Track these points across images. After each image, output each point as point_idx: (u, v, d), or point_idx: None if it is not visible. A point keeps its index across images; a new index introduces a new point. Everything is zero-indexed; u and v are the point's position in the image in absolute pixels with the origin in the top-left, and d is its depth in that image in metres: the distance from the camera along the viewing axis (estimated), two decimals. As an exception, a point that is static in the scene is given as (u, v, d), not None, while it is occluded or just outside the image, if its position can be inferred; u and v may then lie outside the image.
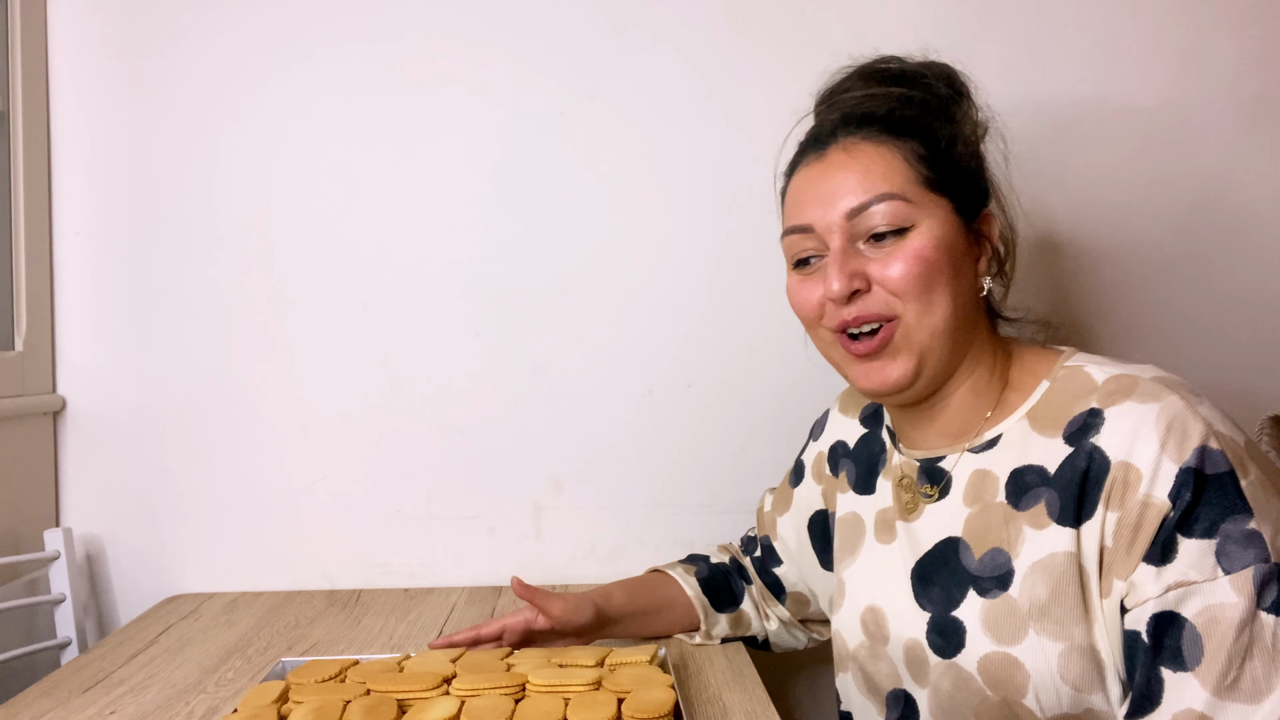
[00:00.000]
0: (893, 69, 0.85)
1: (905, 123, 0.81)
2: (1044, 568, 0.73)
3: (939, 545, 0.82)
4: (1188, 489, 0.67)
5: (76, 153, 1.30)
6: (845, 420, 1.01)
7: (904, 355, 0.79)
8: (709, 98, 1.31)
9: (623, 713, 0.77)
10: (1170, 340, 1.33)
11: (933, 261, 0.77)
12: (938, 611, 0.80)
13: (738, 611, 1.07)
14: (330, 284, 1.31)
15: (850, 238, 0.79)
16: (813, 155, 0.83)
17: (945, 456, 0.84)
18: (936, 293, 0.77)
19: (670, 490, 1.33)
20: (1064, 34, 1.31)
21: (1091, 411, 0.74)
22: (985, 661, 0.75)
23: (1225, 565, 0.66)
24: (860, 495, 0.94)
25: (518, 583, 0.95)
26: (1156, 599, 0.67)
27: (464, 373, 1.32)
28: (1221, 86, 1.31)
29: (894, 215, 0.77)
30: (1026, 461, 0.77)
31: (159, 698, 0.92)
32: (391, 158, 1.31)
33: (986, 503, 0.79)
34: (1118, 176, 1.32)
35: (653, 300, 1.32)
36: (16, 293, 1.25)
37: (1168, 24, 1.31)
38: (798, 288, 0.84)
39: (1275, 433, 1.02)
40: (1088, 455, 0.73)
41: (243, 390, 1.31)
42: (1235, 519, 0.67)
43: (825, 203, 0.80)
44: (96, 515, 1.32)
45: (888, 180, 0.78)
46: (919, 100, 0.82)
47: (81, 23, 1.29)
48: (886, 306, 0.78)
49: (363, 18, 1.30)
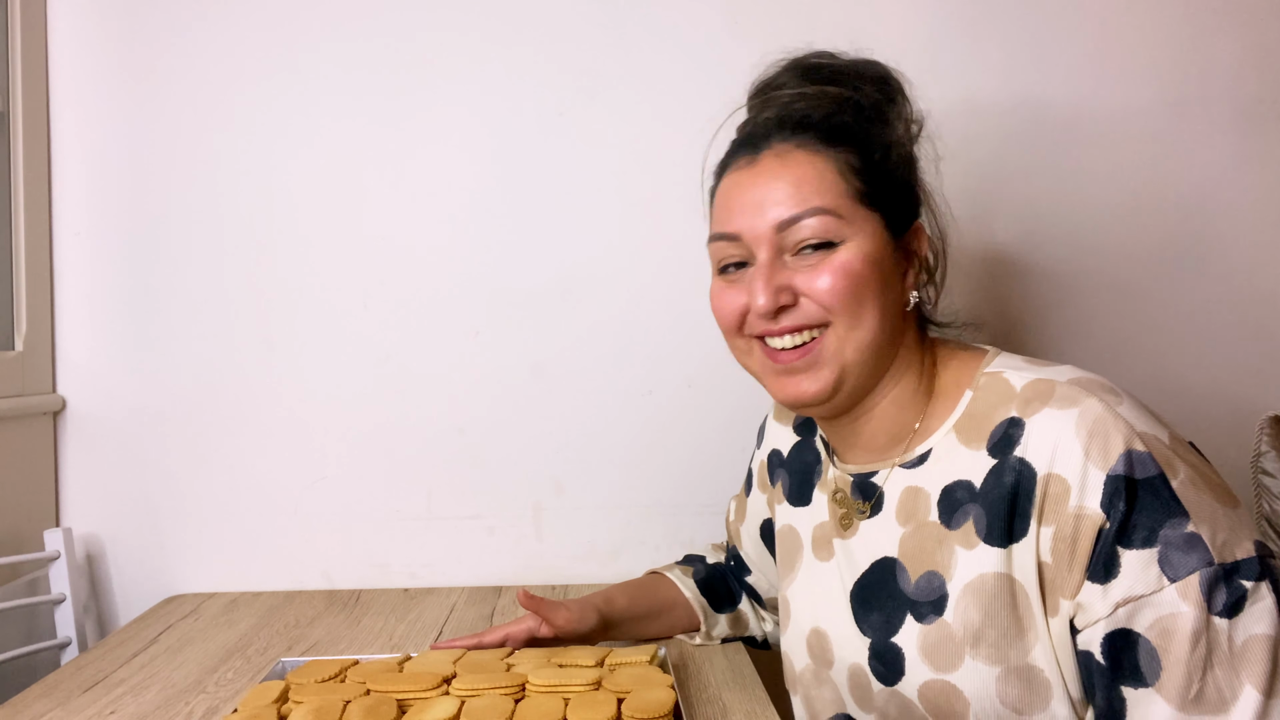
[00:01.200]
0: (827, 65, 0.83)
1: (841, 130, 0.78)
2: (975, 590, 0.73)
3: (875, 565, 0.81)
4: (1120, 497, 0.66)
5: (76, 153, 1.30)
6: (780, 428, 0.99)
7: (825, 369, 0.78)
8: (709, 98, 1.30)
9: (623, 713, 0.77)
10: (1168, 341, 1.33)
11: (861, 276, 0.75)
12: (877, 638, 0.79)
13: (736, 611, 1.07)
14: (330, 284, 1.31)
15: (778, 250, 0.77)
16: (745, 159, 0.81)
17: (877, 471, 0.83)
18: (864, 308, 0.76)
19: (670, 490, 1.34)
20: (1063, 34, 1.31)
21: (1012, 421, 0.73)
22: (925, 689, 0.75)
23: (1170, 573, 0.65)
24: (795, 507, 0.92)
25: (524, 595, 0.95)
26: (1107, 618, 0.66)
27: (464, 373, 1.32)
28: (1221, 87, 1.31)
29: (824, 230, 0.75)
30: (955, 477, 0.76)
31: (159, 698, 0.92)
32: (392, 157, 1.31)
33: (920, 521, 0.78)
34: (1117, 177, 1.32)
35: (653, 300, 1.32)
36: (16, 293, 1.25)
37: (1167, 24, 1.31)
38: (720, 294, 0.83)
39: (1275, 433, 1.02)
40: (1014, 470, 0.72)
41: (243, 390, 1.31)
42: (1173, 523, 0.65)
43: (755, 212, 0.78)
44: (96, 515, 1.32)
45: (820, 194, 0.76)
46: (853, 104, 0.80)
47: (81, 23, 1.29)
48: (816, 316, 0.77)
49: (362, 18, 1.30)
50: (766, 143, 0.80)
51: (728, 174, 0.83)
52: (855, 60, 0.84)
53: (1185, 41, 1.31)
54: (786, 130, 0.79)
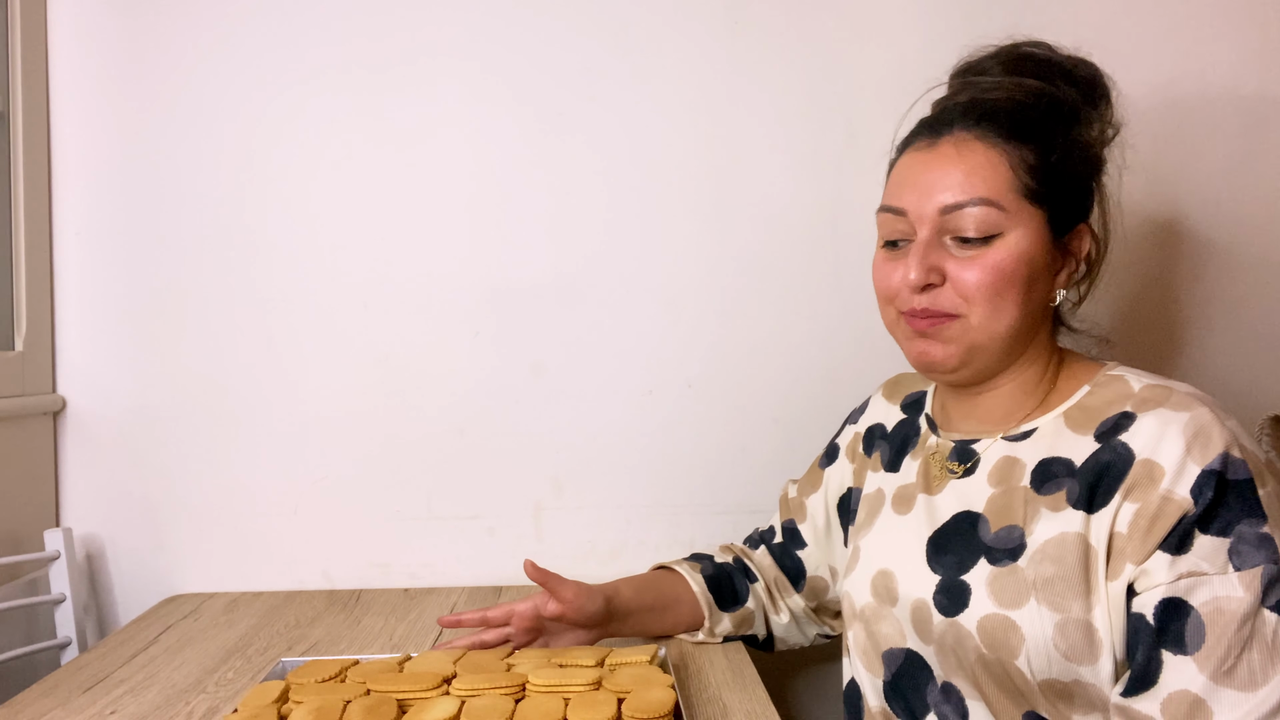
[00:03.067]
0: (1037, 56, 0.86)
1: (1024, 125, 0.81)
2: (1055, 544, 0.76)
3: (957, 517, 0.85)
4: (1209, 489, 0.70)
5: (76, 153, 1.30)
6: (886, 405, 1.04)
7: (954, 345, 0.82)
8: (709, 97, 1.31)
9: (623, 713, 0.77)
10: (1169, 341, 1.33)
11: (1009, 274, 0.79)
12: (948, 575, 0.83)
13: (741, 610, 1.07)
14: (330, 284, 1.31)
15: (938, 231, 0.81)
16: (925, 140, 0.84)
17: (979, 440, 0.87)
18: (1005, 303, 0.80)
19: (670, 490, 1.34)
20: (1063, 34, 1.30)
21: (1124, 414, 0.78)
22: (985, 621, 0.78)
23: (1236, 562, 0.69)
24: (887, 473, 0.97)
25: (530, 565, 0.95)
26: (1168, 585, 0.70)
27: (464, 373, 1.32)
28: (1221, 86, 1.31)
29: (985, 221, 0.79)
30: (1055, 454, 0.80)
31: (159, 698, 0.92)
32: (391, 157, 1.31)
33: (1011, 485, 0.82)
34: (1115, 177, 1.31)
35: (653, 300, 1.32)
36: (16, 293, 1.25)
37: (1168, 24, 1.31)
38: (881, 265, 0.87)
39: (1275, 433, 1.02)
40: (1113, 450, 0.76)
41: (242, 390, 1.31)
42: (1251, 522, 0.70)
43: (924, 192, 0.81)
44: (96, 515, 1.32)
45: (988, 184, 0.79)
46: (1049, 100, 0.83)
47: (81, 23, 1.29)
48: (953, 306, 0.81)
49: (363, 17, 1.30)
50: (949, 129, 0.83)
51: (907, 152, 0.86)
52: (1067, 57, 0.87)
53: (1185, 41, 1.31)
54: (971, 119, 0.82)
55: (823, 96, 1.32)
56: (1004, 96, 0.83)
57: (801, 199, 1.32)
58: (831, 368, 1.32)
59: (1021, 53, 0.86)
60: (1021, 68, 0.85)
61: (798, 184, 1.32)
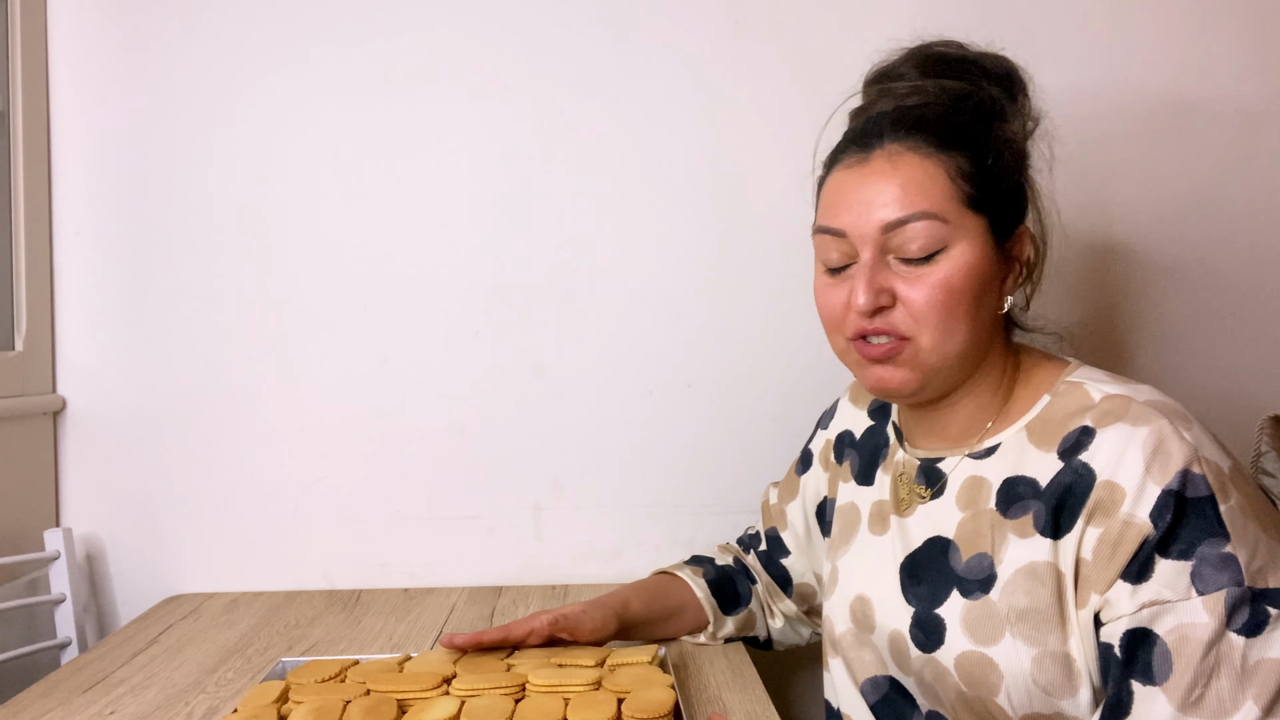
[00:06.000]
0: (950, 56, 0.83)
1: (955, 132, 0.78)
2: (1025, 574, 0.75)
3: (929, 542, 0.83)
4: (1168, 511, 0.69)
5: (76, 153, 1.30)
6: (854, 411, 1.02)
7: (909, 369, 0.80)
8: (709, 98, 1.31)
9: (623, 713, 0.77)
10: (1169, 341, 1.33)
11: (959, 290, 0.77)
12: (922, 608, 0.81)
13: (744, 613, 1.07)
14: (330, 284, 1.31)
15: (881, 251, 0.78)
16: (854, 156, 0.81)
17: (944, 459, 0.85)
18: (955, 321, 0.78)
19: (670, 490, 1.34)
20: (1063, 34, 1.31)
21: (1084, 430, 0.76)
22: (962, 659, 0.77)
23: (1199, 586, 0.67)
24: (860, 486, 0.95)
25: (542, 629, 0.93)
26: (1131, 615, 0.69)
27: (464, 373, 1.32)
28: (1221, 86, 1.31)
29: (929, 236, 0.76)
30: (1020, 472, 0.79)
31: (159, 698, 0.92)
32: (392, 157, 1.31)
33: (978, 509, 0.81)
34: (1115, 177, 1.32)
35: (653, 300, 1.32)
36: (16, 293, 1.25)
37: (1168, 24, 1.31)
38: (825, 291, 0.84)
39: (1275, 433, 1.01)
40: (1074, 472, 0.74)
41: (243, 390, 1.31)
42: (1212, 542, 0.68)
43: (861, 211, 0.78)
44: (96, 515, 1.32)
45: (928, 197, 0.77)
46: (973, 101, 0.80)
47: (81, 22, 1.29)
48: (905, 327, 0.78)
49: (362, 17, 1.30)
50: (879, 141, 0.80)
51: (837, 168, 0.83)
52: (981, 53, 0.84)
53: (1185, 41, 1.31)
54: (900, 131, 0.79)
55: (824, 95, 1.31)
56: (929, 103, 0.80)
57: (802, 199, 1.32)
58: (832, 368, 1.31)
59: (934, 53, 0.84)
60: (937, 69, 0.82)
61: (798, 183, 1.32)
